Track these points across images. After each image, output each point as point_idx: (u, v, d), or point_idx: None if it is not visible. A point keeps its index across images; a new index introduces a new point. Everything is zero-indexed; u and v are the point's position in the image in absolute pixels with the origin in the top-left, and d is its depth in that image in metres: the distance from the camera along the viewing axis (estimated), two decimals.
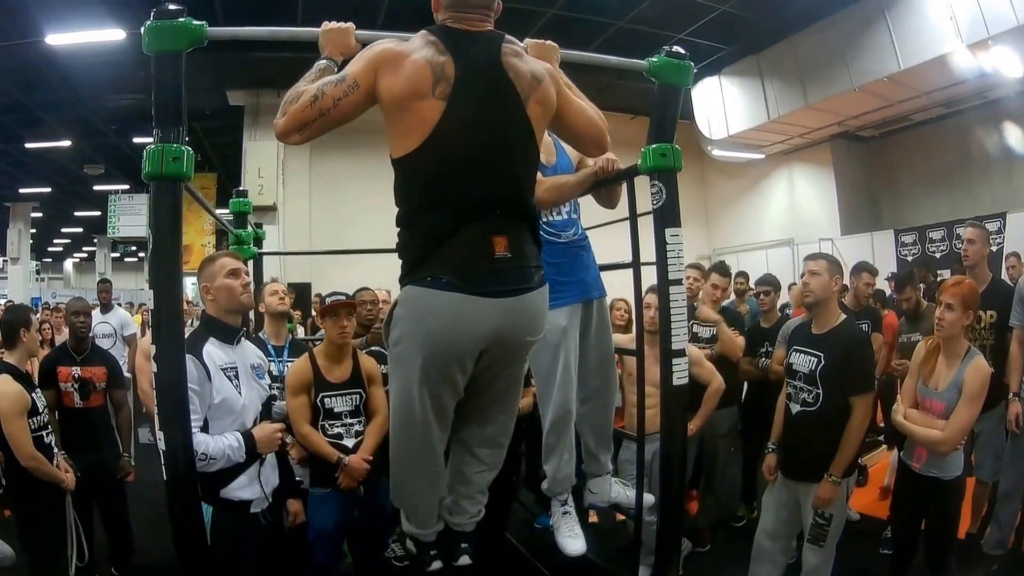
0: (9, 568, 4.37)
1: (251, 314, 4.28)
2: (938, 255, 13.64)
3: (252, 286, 3.33)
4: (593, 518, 5.31)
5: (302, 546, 3.88)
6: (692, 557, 4.99)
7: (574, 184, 3.32)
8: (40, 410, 4.08)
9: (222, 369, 2.99)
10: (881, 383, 5.99)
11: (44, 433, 4.09)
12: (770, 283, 5.62)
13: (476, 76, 2.20)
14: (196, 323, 3.29)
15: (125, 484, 5.07)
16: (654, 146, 3.02)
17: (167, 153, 2.51)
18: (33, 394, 4.06)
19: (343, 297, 3.96)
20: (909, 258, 14.00)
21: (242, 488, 3.02)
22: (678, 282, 3.04)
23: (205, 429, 2.90)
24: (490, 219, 2.19)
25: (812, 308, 3.93)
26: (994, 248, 9.61)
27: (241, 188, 5.20)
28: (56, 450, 4.22)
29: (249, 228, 5.09)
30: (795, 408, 3.82)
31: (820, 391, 3.68)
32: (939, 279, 10.12)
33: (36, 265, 29.66)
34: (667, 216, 3.03)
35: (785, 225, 16.97)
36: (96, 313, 6.98)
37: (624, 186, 3.35)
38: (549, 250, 3.21)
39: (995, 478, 4.73)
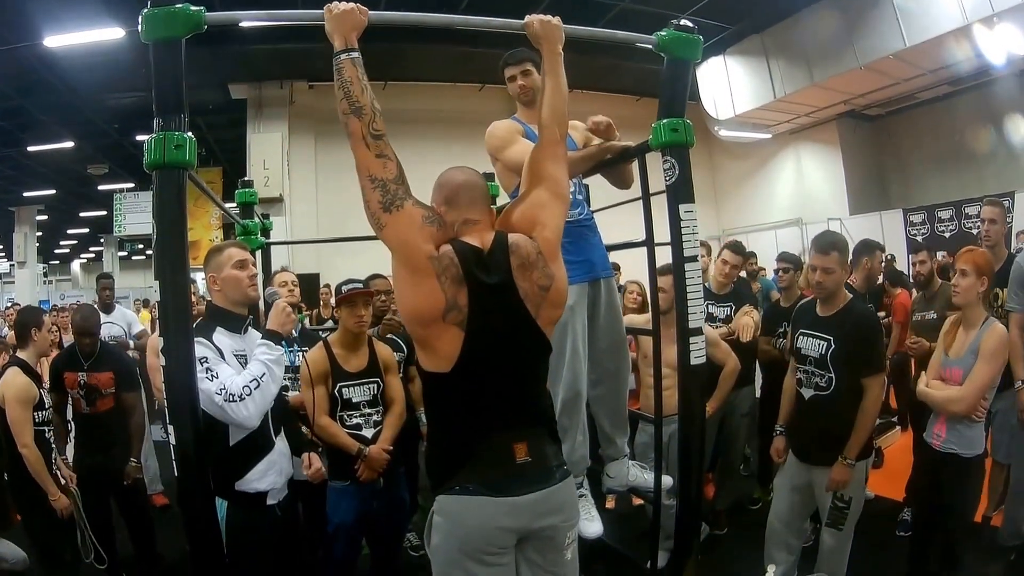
0: (22, 572, 4.39)
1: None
2: (947, 235, 13.61)
3: (259, 277, 3.30)
4: (610, 503, 5.29)
5: (317, 538, 3.86)
6: (710, 540, 4.96)
7: (577, 160, 3.29)
8: (46, 406, 4.26)
9: (234, 354, 2.98)
10: (892, 363, 5.94)
11: (47, 429, 4.25)
12: (790, 261, 5.53)
13: (490, 305, 2.24)
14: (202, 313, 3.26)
15: (142, 483, 5.07)
16: (665, 121, 2.98)
17: (169, 141, 2.49)
18: (41, 389, 4.23)
19: (360, 286, 3.91)
20: (919, 238, 13.97)
21: (258, 479, 2.98)
22: (693, 259, 3.01)
23: None
24: (510, 431, 2.27)
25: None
26: None
27: (246, 179, 5.14)
28: (55, 448, 4.34)
29: (256, 218, 5.05)
30: (808, 393, 3.76)
31: (832, 375, 3.62)
32: (944, 261, 10.09)
33: (43, 268, 29.71)
34: (680, 192, 3.00)
35: (793, 205, 16.95)
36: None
37: (636, 165, 3.31)
38: None
39: (1010, 460, 4.67)
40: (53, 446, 4.31)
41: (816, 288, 3.75)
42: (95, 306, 5.99)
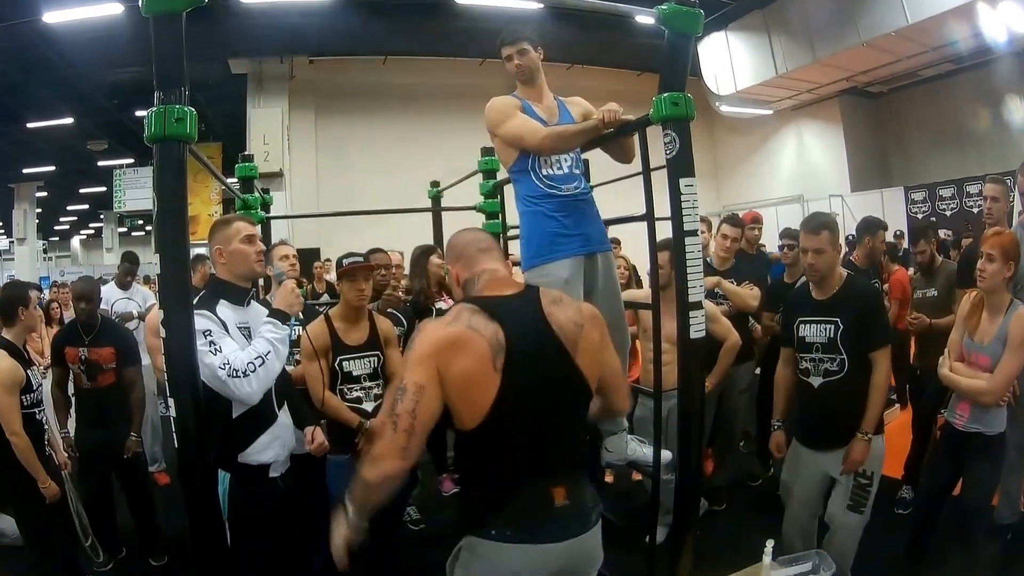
0: (22, 547, 4.33)
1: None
2: (948, 213, 13.67)
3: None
4: (609, 478, 5.31)
5: (318, 512, 3.87)
6: (708, 516, 4.96)
7: (576, 132, 3.28)
8: (34, 387, 4.03)
9: (237, 327, 2.97)
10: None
11: (37, 410, 4.04)
12: (795, 237, 5.48)
13: (525, 341, 2.18)
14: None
15: (143, 458, 5.10)
16: (666, 95, 2.98)
17: (170, 114, 2.51)
18: (28, 371, 4.00)
19: (360, 259, 3.91)
20: (919, 216, 14.03)
21: (261, 451, 2.98)
22: (693, 233, 3.01)
23: None
24: (549, 474, 2.21)
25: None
26: None
27: (247, 153, 5.14)
28: (48, 427, 4.19)
29: (256, 193, 5.05)
30: (817, 381, 3.59)
31: (845, 356, 3.49)
32: (950, 238, 10.07)
33: (43, 244, 29.67)
34: (681, 166, 3.00)
35: (795, 182, 16.97)
36: (113, 288, 6.85)
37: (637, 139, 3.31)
38: (550, 203, 3.28)
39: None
40: (46, 427, 4.15)
41: (808, 271, 3.62)
42: (94, 278, 5.94)
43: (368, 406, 3.81)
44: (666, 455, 3.46)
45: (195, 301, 2.86)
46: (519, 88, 3.51)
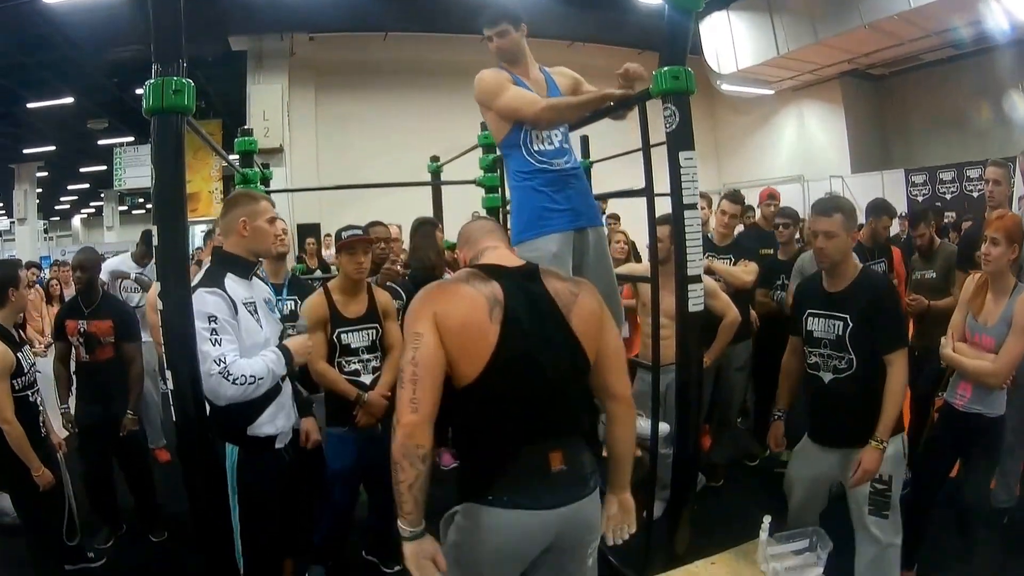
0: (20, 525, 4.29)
1: None
2: (948, 196, 13.67)
3: None
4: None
5: (320, 483, 3.89)
6: (705, 492, 4.99)
7: (573, 104, 3.29)
8: (26, 370, 3.91)
9: (244, 304, 2.94)
10: None
11: (29, 393, 3.95)
12: (789, 216, 5.45)
13: (521, 297, 2.21)
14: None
15: (141, 435, 5.13)
16: (666, 68, 2.98)
17: (167, 86, 2.49)
18: (19, 354, 3.88)
19: (359, 232, 3.91)
20: (920, 198, 14.04)
21: (268, 423, 2.99)
22: (693, 207, 3.01)
23: None
24: (546, 439, 2.22)
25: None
26: None
27: (246, 127, 5.14)
28: (42, 409, 4.09)
29: (256, 167, 5.04)
30: (827, 376, 3.42)
31: (853, 356, 3.35)
32: (946, 221, 10.05)
33: (44, 224, 29.61)
34: (680, 139, 3.00)
35: (795, 162, 16.96)
36: (128, 260, 6.88)
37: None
38: (540, 178, 3.28)
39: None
40: (40, 408, 4.05)
41: (818, 256, 3.40)
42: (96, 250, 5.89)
43: (366, 378, 3.84)
44: (664, 428, 3.47)
45: (202, 275, 2.90)
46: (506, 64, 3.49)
